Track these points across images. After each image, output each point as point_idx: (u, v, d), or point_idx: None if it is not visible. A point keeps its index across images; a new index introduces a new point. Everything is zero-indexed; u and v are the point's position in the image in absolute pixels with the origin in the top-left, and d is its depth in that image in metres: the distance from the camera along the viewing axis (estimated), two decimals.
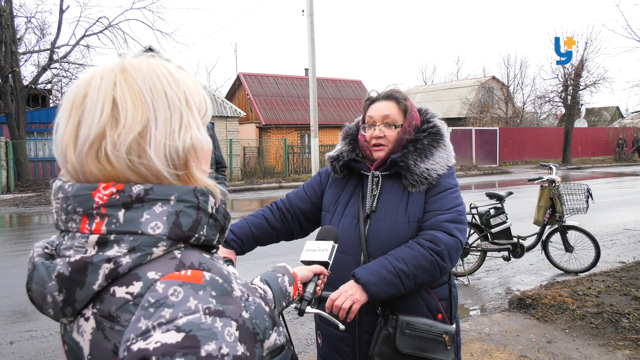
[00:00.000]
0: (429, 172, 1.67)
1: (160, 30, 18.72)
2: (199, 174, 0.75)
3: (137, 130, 0.69)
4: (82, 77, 0.74)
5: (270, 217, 1.90)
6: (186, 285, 0.64)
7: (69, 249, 0.69)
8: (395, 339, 1.60)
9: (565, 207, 5.81)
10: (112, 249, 0.66)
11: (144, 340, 0.59)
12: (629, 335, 3.72)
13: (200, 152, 0.76)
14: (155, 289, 0.64)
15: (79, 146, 0.70)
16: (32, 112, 19.52)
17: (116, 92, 0.70)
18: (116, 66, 0.73)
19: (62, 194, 0.71)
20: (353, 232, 1.73)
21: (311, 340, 4.03)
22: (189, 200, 0.71)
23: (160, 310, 0.61)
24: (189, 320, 0.60)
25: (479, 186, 15.88)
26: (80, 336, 0.68)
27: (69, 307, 0.68)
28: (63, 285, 0.67)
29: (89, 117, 0.69)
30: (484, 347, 3.68)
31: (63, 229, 0.72)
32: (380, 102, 1.77)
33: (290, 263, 1.29)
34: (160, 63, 0.76)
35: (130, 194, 0.68)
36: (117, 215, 0.67)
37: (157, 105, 0.71)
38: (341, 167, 1.82)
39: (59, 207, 0.72)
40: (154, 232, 0.68)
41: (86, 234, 0.68)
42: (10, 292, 5.41)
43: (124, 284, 0.66)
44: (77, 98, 0.72)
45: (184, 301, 0.62)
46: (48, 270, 0.68)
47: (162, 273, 0.66)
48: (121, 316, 0.64)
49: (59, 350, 3.93)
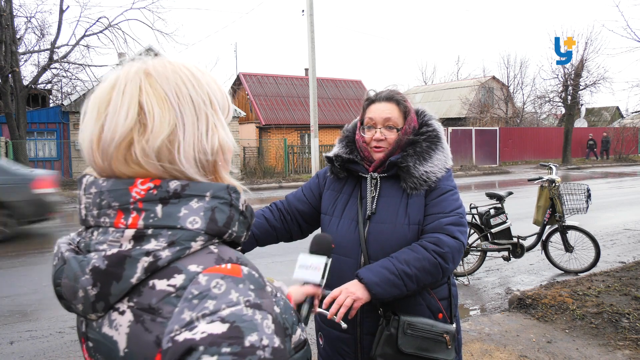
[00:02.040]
0: (427, 175, 1.68)
1: (160, 31, 18.67)
2: (225, 174, 0.78)
3: (165, 134, 0.69)
4: (105, 81, 0.75)
5: (271, 218, 1.90)
6: (227, 278, 0.66)
7: (101, 244, 0.69)
8: (397, 340, 1.60)
9: (565, 207, 5.81)
10: (149, 243, 0.67)
11: (190, 331, 0.61)
12: (629, 335, 3.72)
13: (227, 152, 0.78)
14: (198, 281, 0.65)
15: (103, 149, 0.71)
16: (32, 112, 19.52)
17: (142, 97, 0.70)
18: (140, 70, 0.74)
19: (95, 189, 0.71)
20: (352, 235, 1.72)
21: (311, 340, 4.03)
22: (223, 197, 0.72)
23: (204, 302, 0.63)
24: (232, 311, 0.62)
25: (479, 186, 15.88)
26: (114, 330, 0.68)
27: (101, 302, 0.68)
28: (98, 278, 0.67)
29: (113, 121, 0.70)
30: (484, 347, 3.68)
31: (93, 224, 0.72)
32: (381, 103, 1.75)
33: (291, 263, 1.29)
34: (183, 65, 0.76)
35: (168, 190, 0.69)
36: (155, 209, 0.68)
37: (184, 109, 0.72)
38: (340, 168, 1.82)
39: (90, 202, 0.72)
40: (192, 227, 0.69)
41: (121, 229, 0.68)
42: (10, 292, 5.41)
43: (164, 277, 0.66)
44: (102, 103, 0.72)
45: (226, 293, 0.64)
46: (81, 264, 0.68)
47: (204, 266, 0.67)
48: (163, 308, 0.65)
49: (59, 350, 3.93)
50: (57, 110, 20.12)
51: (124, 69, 0.75)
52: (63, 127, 20.18)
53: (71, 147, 19.74)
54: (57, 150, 19.78)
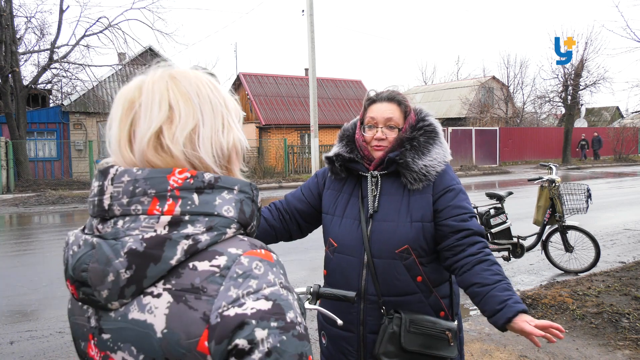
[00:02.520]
0: (427, 169, 1.69)
1: (160, 31, 18.66)
2: (237, 170, 0.85)
3: (190, 127, 0.77)
4: (131, 83, 0.82)
5: (269, 217, 1.90)
6: (264, 262, 0.73)
7: (133, 230, 0.71)
8: (400, 337, 1.61)
9: (565, 207, 5.81)
10: (187, 228, 0.71)
11: (239, 307, 0.68)
12: (629, 335, 3.72)
13: (241, 150, 0.85)
14: (241, 262, 0.71)
15: (138, 142, 0.76)
16: (32, 112, 19.52)
17: (170, 95, 0.78)
18: (165, 73, 0.81)
19: (128, 177, 0.74)
20: (355, 233, 1.73)
21: (313, 340, 4.03)
22: (248, 192, 0.79)
23: (247, 281, 0.70)
24: (272, 291, 0.70)
25: (479, 186, 15.88)
26: (147, 314, 0.70)
27: (132, 286, 0.70)
28: (134, 261, 0.70)
29: (147, 116, 0.76)
30: (484, 347, 3.68)
31: (119, 213, 0.74)
32: (382, 103, 1.76)
33: (291, 263, 1.30)
34: (202, 74, 0.84)
35: (203, 180, 0.75)
36: (192, 197, 0.73)
37: (204, 107, 0.79)
38: (341, 168, 1.82)
39: (120, 191, 0.74)
40: (228, 214, 0.75)
41: (156, 215, 0.72)
42: (10, 292, 5.41)
43: (205, 259, 0.71)
44: (127, 102, 0.79)
45: (265, 274, 0.72)
46: (115, 248, 0.70)
47: (243, 249, 0.73)
48: (208, 287, 0.69)
49: (59, 350, 3.93)
50: (57, 110, 20.12)
51: (149, 73, 0.82)
52: (63, 127, 20.18)
53: (71, 147, 19.73)
54: (57, 150, 19.78)
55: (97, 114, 19.79)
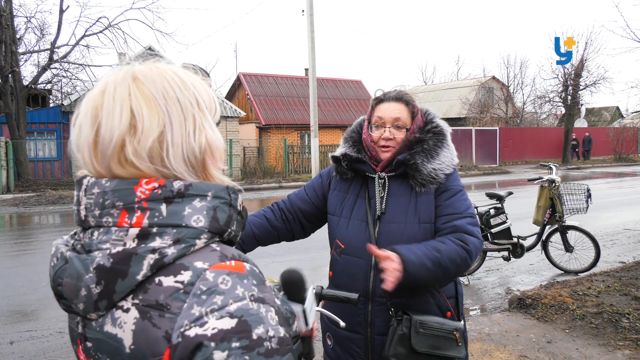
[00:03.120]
0: (436, 173, 1.69)
1: (160, 31, 18.74)
2: (215, 172, 0.79)
3: (155, 135, 0.72)
4: (95, 87, 0.77)
5: (272, 217, 1.89)
6: (233, 275, 0.69)
7: (104, 243, 0.70)
8: (410, 339, 1.61)
9: (565, 207, 5.82)
10: (154, 241, 0.69)
11: (200, 327, 0.64)
12: (629, 335, 3.72)
13: (216, 150, 0.79)
14: (206, 277, 0.68)
15: (101, 152, 0.72)
16: (32, 112, 19.51)
17: (132, 101, 0.72)
18: (127, 74, 0.76)
19: (98, 189, 0.72)
20: (363, 235, 1.72)
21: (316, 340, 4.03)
22: (223, 197, 0.75)
23: (212, 297, 0.66)
24: (239, 306, 0.66)
25: (479, 186, 15.88)
26: (118, 328, 0.69)
27: (104, 300, 0.69)
28: (102, 276, 0.68)
29: (108, 125, 0.72)
30: (484, 347, 3.68)
31: (94, 224, 0.73)
32: (390, 103, 1.75)
33: (291, 263, 1.29)
34: (169, 68, 0.78)
35: (172, 189, 0.71)
36: (160, 208, 0.70)
37: (171, 110, 0.74)
38: (347, 168, 1.81)
39: (92, 203, 0.73)
40: (197, 225, 0.71)
41: (125, 228, 0.70)
42: (10, 292, 5.41)
43: (170, 274, 0.69)
44: (94, 108, 0.74)
45: (232, 289, 0.67)
46: (85, 263, 0.70)
47: (210, 263, 0.70)
48: (171, 304, 0.67)
49: (59, 350, 3.93)
50: (57, 110, 20.12)
51: (112, 75, 0.77)
52: (63, 127, 20.17)
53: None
54: (57, 150, 19.78)
55: None
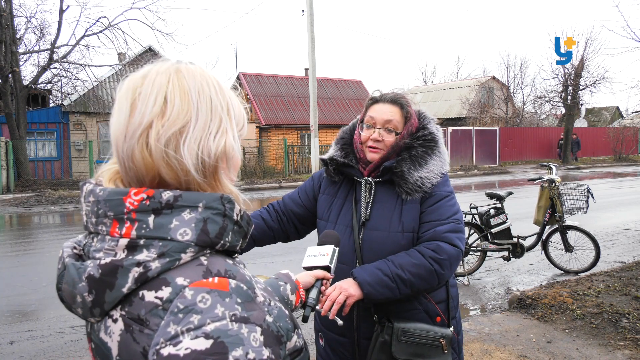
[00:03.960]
0: (422, 181, 1.65)
1: (160, 31, 18.65)
2: (225, 180, 0.78)
3: (179, 125, 0.72)
4: (138, 71, 0.78)
5: (268, 218, 1.90)
6: (213, 293, 0.66)
7: (98, 251, 0.71)
8: (391, 347, 1.60)
9: (565, 207, 5.82)
10: (141, 254, 0.68)
11: (174, 346, 0.61)
12: (629, 335, 3.72)
13: (231, 159, 0.79)
14: (184, 295, 0.66)
15: (129, 134, 0.73)
16: (32, 112, 19.51)
17: (168, 89, 0.74)
18: (172, 66, 0.77)
19: (93, 198, 0.73)
20: (347, 241, 1.71)
21: (311, 339, 4.03)
22: (216, 208, 0.73)
23: (189, 317, 0.63)
24: (216, 327, 0.63)
25: (479, 186, 15.88)
26: (108, 337, 0.70)
27: (97, 308, 0.70)
28: (93, 286, 0.69)
29: (142, 108, 0.73)
30: (484, 347, 3.68)
31: (93, 231, 0.74)
32: (385, 104, 1.73)
33: (291, 263, 1.30)
34: (213, 74, 0.80)
35: (160, 200, 0.70)
36: (147, 220, 0.70)
37: (201, 106, 0.74)
38: (335, 171, 1.80)
39: (89, 210, 0.74)
40: (182, 239, 0.70)
41: (116, 238, 0.70)
42: (10, 292, 5.41)
43: (152, 289, 0.68)
44: (133, 89, 0.75)
45: (211, 308, 0.64)
46: (79, 272, 0.71)
47: (191, 280, 0.68)
48: (150, 320, 0.66)
49: (59, 350, 3.93)
50: (57, 110, 20.12)
51: (157, 64, 0.78)
52: (63, 127, 20.17)
53: (71, 147, 19.72)
54: (57, 150, 19.77)
55: (97, 114, 19.78)
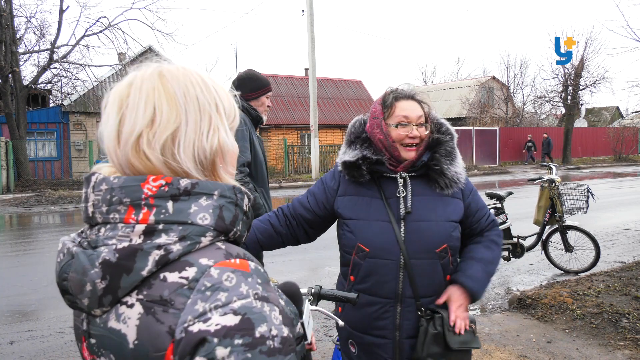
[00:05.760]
0: (457, 176, 1.72)
1: (160, 31, 18.66)
2: (225, 174, 0.81)
3: (170, 129, 0.74)
4: (124, 79, 0.80)
5: (276, 223, 1.86)
6: (237, 272, 0.70)
7: (110, 239, 0.71)
8: (445, 337, 1.61)
9: (565, 207, 5.81)
10: (160, 237, 0.70)
11: (204, 322, 0.64)
12: (629, 335, 3.72)
13: (227, 154, 0.81)
14: (211, 274, 0.68)
15: (123, 142, 0.75)
16: (32, 112, 19.51)
17: (155, 96, 0.75)
18: (155, 71, 0.79)
19: (106, 186, 0.74)
20: (387, 236, 1.67)
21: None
22: (230, 197, 0.76)
23: (216, 294, 0.66)
24: (242, 304, 0.66)
25: (479, 186, 15.89)
26: (121, 323, 0.70)
27: (109, 295, 0.70)
28: (108, 271, 0.69)
29: (132, 116, 0.74)
30: (484, 347, 3.68)
31: (101, 221, 0.74)
32: (409, 101, 1.72)
33: (291, 263, 1.30)
34: (195, 71, 0.81)
35: (179, 187, 0.73)
36: (166, 205, 0.72)
37: (189, 108, 0.76)
38: (367, 171, 1.74)
39: (100, 199, 0.74)
40: (202, 223, 0.72)
41: (131, 224, 0.71)
42: (10, 292, 5.41)
43: (175, 270, 0.69)
44: (121, 98, 0.77)
45: (237, 286, 0.68)
46: (91, 258, 0.71)
47: (215, 260, 0.71)
48: (175, 299, 0.68)
49: (59, 350, 3.93)
50: (57, 110, 20.12)
51: (141, 69, 0.80)
52: (63, 127, 20.18)
53: (71, 147, 19.73)
54: (57, 150, 19.78)
55: (97, 114, 19.78)
